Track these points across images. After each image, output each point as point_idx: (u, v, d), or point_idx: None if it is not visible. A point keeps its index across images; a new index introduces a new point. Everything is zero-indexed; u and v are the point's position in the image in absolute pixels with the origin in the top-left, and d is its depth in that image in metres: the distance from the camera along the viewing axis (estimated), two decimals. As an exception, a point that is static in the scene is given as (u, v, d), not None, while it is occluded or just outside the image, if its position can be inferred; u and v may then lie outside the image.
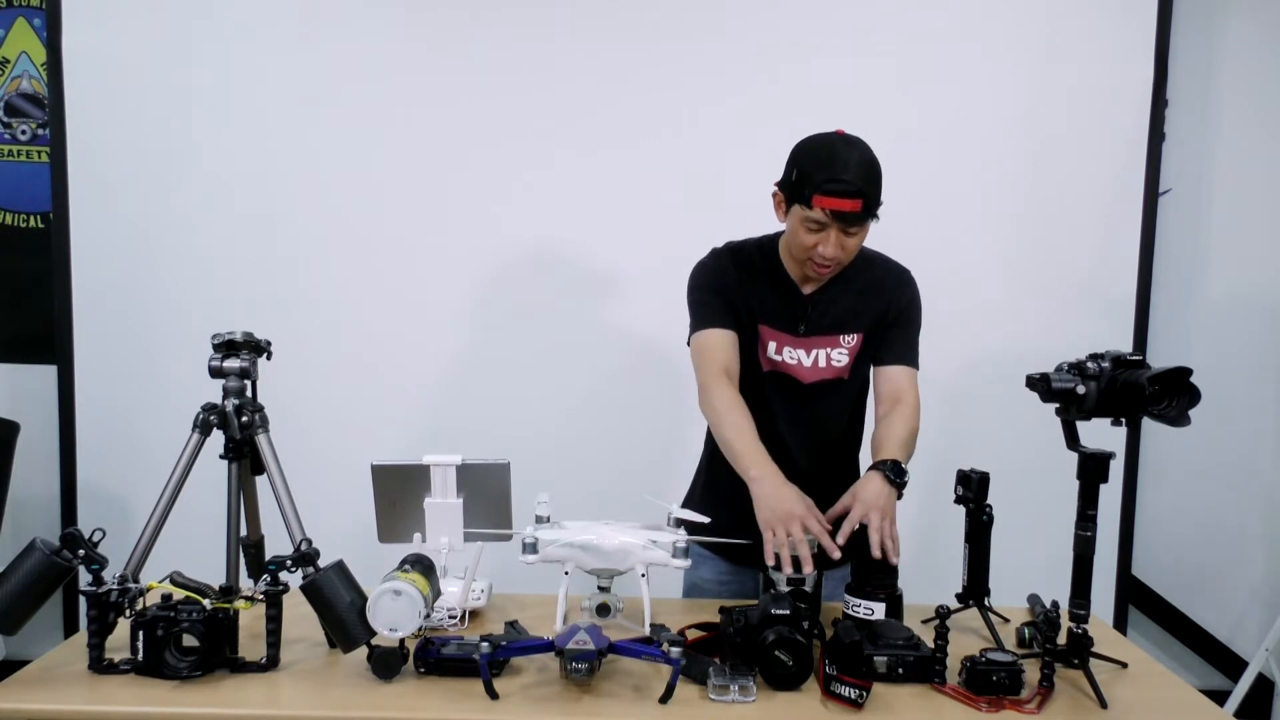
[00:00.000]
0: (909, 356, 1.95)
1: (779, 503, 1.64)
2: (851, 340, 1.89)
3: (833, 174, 1.70)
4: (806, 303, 1.88)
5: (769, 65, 2.84)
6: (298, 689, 1.46)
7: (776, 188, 1.82)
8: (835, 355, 1.89)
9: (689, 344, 1.91)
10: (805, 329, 1.88)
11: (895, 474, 1.71)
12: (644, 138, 2.86)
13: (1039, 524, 2.41)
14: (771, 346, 1.88)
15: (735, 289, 1.88)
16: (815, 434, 1.92)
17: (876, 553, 1.62)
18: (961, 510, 1.78)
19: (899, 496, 1.72)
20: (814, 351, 1.88)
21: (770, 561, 1.61)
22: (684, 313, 1.92)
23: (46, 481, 2.99)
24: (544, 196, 2.87)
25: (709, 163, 2.85)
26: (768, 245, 1.92)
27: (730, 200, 2.83)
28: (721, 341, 1.85)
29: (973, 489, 1.73)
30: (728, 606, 1.62)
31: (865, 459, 2.00)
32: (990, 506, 1.74)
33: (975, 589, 1.75)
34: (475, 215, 2.89)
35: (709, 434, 2.01)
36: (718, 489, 1.91)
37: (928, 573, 1.81)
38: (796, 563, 1.60)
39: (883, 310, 1.91)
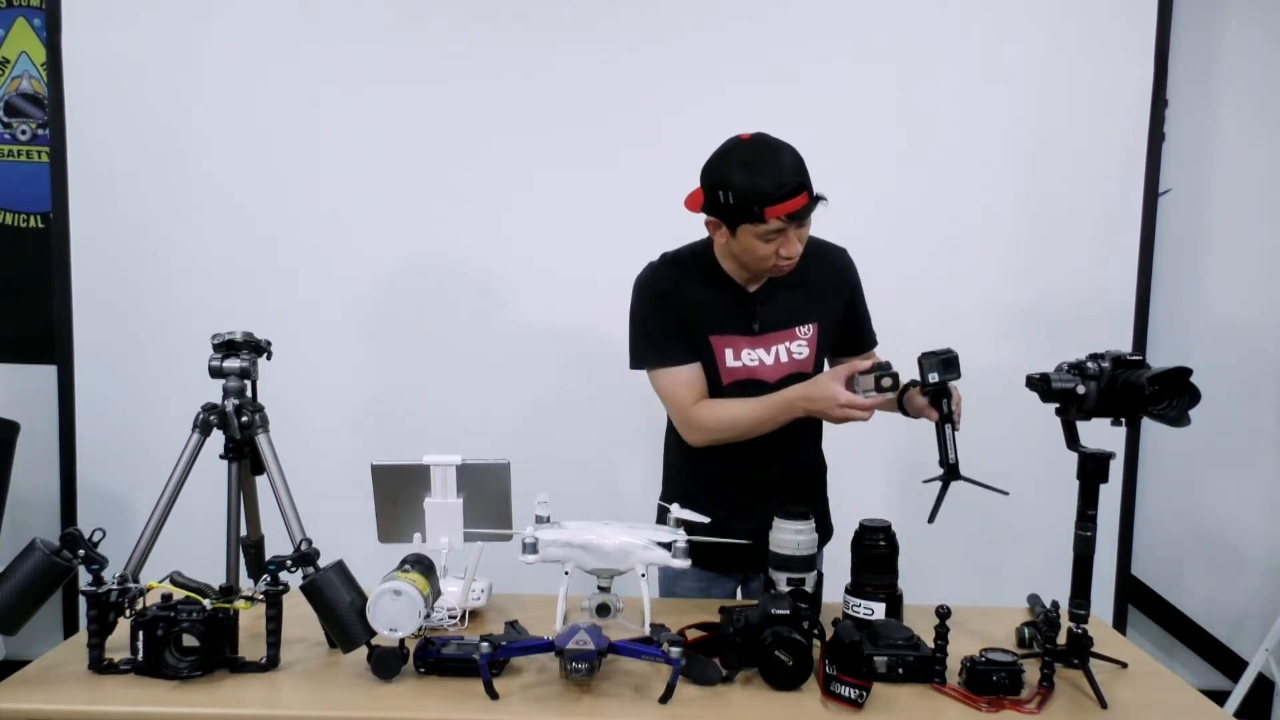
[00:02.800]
0: (872, 338, 2.04)
1: (826, 405, 1.73)
2: (808, 331, 1.90)
3: (775, 181, 1.69)
4: (754, 300, 1.88)
5: (765, 67, 2.84)
6: (298, 689, 1.46)
7: (709, 216, 1.79)
8: (795, 348, 1.90)
9: (642, 371, 1.91)
10: (759, 327, 1.88)
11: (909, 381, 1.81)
12: (642, 138, 2.86)
13: (1039, 524, 2.41)
14: (729, 354, 1.88)
15: (678, 308, 1.87)
16: (784, 430, 1.90)
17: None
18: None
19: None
20: (773, 348, 1.89)
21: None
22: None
23: (46, 481, 2.99)
24: (545, 197, 2.87)
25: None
26: (702, 251, 1.90)
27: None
28: (689, 377, 1.87)
29: (937, 369, 1.72)
30: (728, 606, 1.63)
31: (829, 447, 2.03)
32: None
33: (954, 463, 1.72)
34: (476, 215, 2.89)
35: (668, 445, 2.03)
36: (690, 498, 1.89)
37: (927, 573, 1.81)
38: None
39: (835, 299, 1.94)
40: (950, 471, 1.72)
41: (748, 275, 1.86)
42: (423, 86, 2.86)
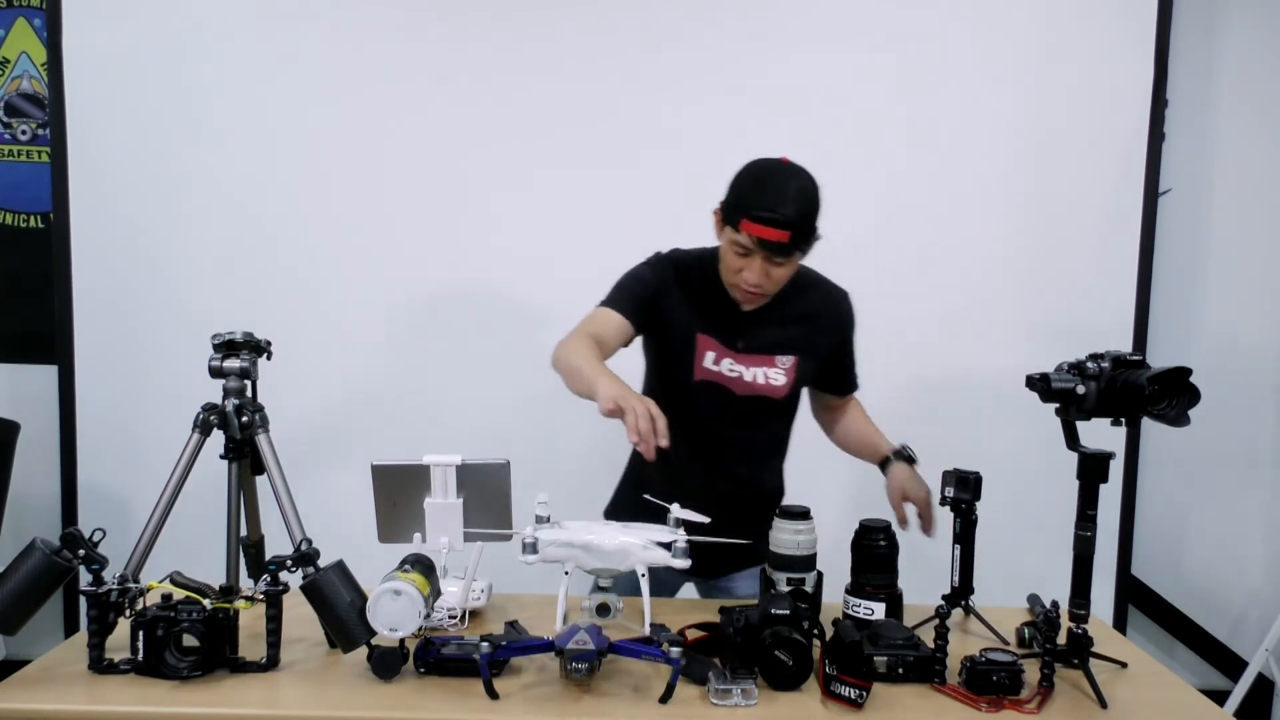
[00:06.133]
0: (854, 383, 2.05)
1: (627, 390, 1.60)
2: (788, 361, 1.90)
3: (765, 202, 1.69)
4: (745, 320, 1.87)
5: (765, 68, 2.84)
6: (298, 689, 1.46)
7: (717, 208, 1.81)
8: (772, 374, 1.89)
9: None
10: (743, 346, 1.88)
11: (910, 456, 1.90)
12: (640, 139, 2.86)
13: (1039, 524, 2.41)
14: (710, 357, 1.87)
15: (672, 294, 1.87)
16: (748, 447, 1.94)
17: (933, 533, 1.80)
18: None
19: None
20: (752, 369, 1.88)
21: (632, 436, 1.53)
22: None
23: (46, 481, 2.99)
24: (546, 197, 2.87)
25: (708, 162, 2.84)
26: (707, 259, 1.90)
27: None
28: (608, 319, 1.82)
29: (970, 490, 1.73)
30: (728, 606, 1.63)
31: (791, 470, 2.04)
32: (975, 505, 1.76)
33: (965, 590, 1.75)
34: (477, 214, 2.89)
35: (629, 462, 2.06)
36: (643, 505, 1.91)
37: (927, 573, 1.81)
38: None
39: (824, 340, 1.94)
40: (952, 595, 1.75)
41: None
42: (426, 87, 2.86)
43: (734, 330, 1.88)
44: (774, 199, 1.69)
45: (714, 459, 1.91)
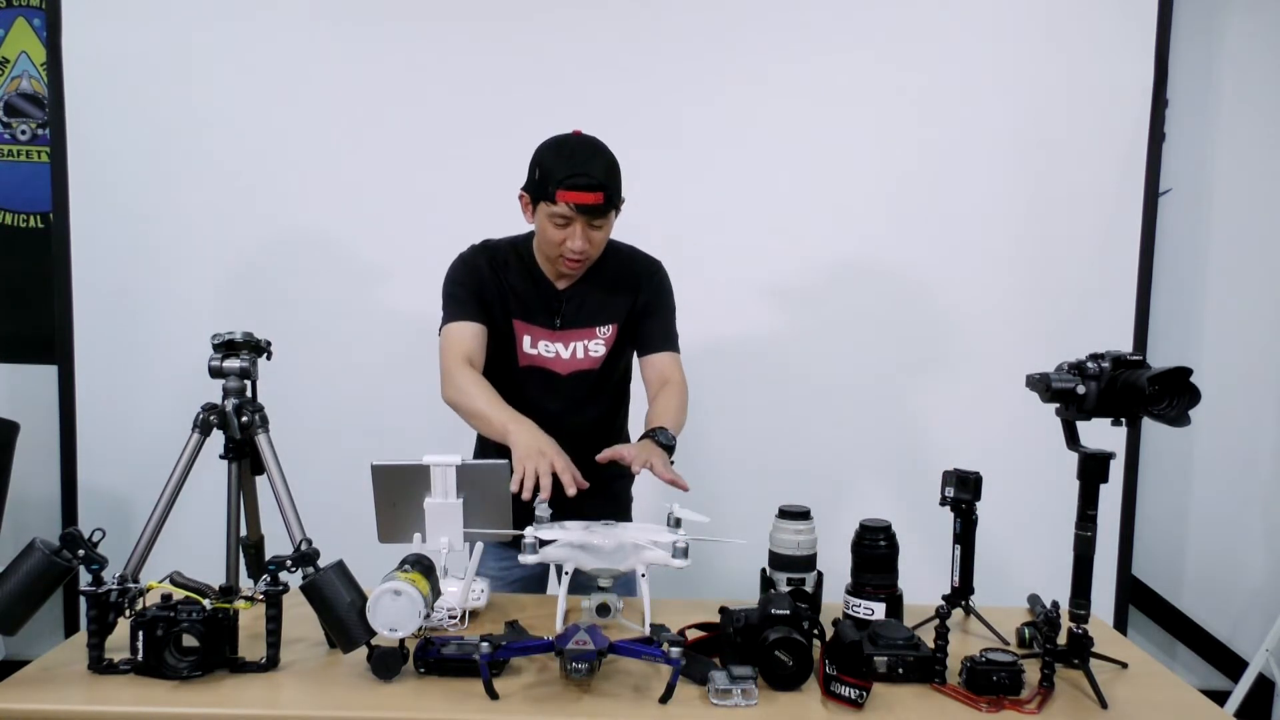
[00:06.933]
0: (669, 342, 2.03)
1: (534, 441, 1.72)
2: (607, 331, 1.98)
3: (574, 170, 1.80)
4: (561, 297, 1.96)
5: (764, 70, 2.84)
6: (298, 689, 1.46)
7: (522, 191, 1.90)
8: (592, 346, 1.97)
9: (439, 335, 1.97)
10: (561, 323, 1.96)
11: (664, 439, 1.85)
12: (640, 139, 2.85)
13: (1039, 524, 2.41)
14: (527, 340, 1.96)
15: (489, 285, 1.96)
16: (578, 424, 1.96)
17: (671, 476, 1.74)
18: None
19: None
20: (571, 344, 1.96)
21: (515, 488, 1.66)
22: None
23: (46, 481, 2.99)
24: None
25: (708, 162, 2.85)
26: (521, 244, 2.00)
27: (732, 196, 2.84)
28: (465, 333, 1.92)
29: (970, 490, 1.73)
30: (728, 606, 1.63)
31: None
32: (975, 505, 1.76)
33: (965, 590, 1.76)
34: (479, 215, 2.87)
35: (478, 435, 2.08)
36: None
37: (927, 573, 1.81)
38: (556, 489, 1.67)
39: (634, 301, 1.99)
40: (952, 595, 1.75)
41: (555, 270, 1.94)
42: (427, 84, 2.85)
43: (550, 309, 1.96)
44: (582, 165, 1.81)
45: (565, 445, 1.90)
